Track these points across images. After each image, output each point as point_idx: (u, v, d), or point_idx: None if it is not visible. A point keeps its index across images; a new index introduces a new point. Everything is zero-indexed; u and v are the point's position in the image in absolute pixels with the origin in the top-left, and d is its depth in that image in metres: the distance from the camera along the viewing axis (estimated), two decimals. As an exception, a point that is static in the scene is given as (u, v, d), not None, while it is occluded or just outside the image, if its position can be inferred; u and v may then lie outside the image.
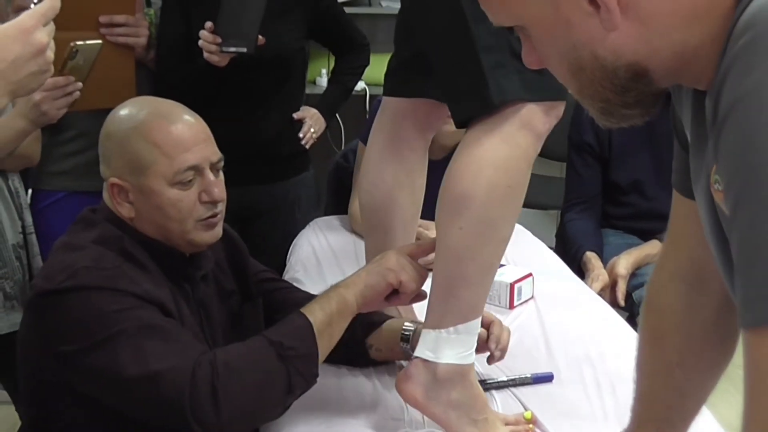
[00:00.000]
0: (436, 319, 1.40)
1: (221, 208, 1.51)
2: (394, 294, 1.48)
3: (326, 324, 1.41)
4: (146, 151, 1.44)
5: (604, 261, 2.51)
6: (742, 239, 0.72)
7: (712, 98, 0.77)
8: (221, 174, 1.53)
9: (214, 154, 1.51)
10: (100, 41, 1.98)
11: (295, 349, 1.37)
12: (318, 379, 1.41)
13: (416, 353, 1.42)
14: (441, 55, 1.37)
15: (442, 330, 1.39)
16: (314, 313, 1.41)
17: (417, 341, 1.47)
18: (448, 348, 1.39)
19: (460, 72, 1.33)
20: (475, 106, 1.33)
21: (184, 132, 1.47)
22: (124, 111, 1.52)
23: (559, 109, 1.38)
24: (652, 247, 2.48)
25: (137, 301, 1.38)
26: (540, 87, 1.31)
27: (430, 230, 2.01)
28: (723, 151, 0.75)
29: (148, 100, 1.59)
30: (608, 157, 2.66)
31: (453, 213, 1.35)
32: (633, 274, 2.44)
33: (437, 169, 1.39)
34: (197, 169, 1.46)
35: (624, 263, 2.43)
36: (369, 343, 1.65)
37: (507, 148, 1.32)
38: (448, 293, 1.39)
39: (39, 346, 1.42)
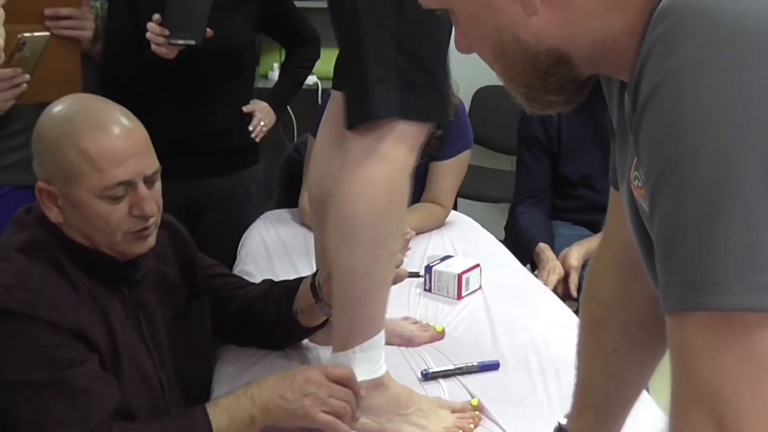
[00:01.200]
0: (341, 342, 1.43)
1: (153, 221, 1.46)
2: None
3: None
4: (76, 162, 1.38)
5: (556, 252, 2.55)
6: (661, 227, 0.73)
7: (631, 90, 0.78)
8: (157, 185, 1.47)
9: (150, 166, 1.44)
10: (47, 33, 1.96)
11: None
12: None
13: None
14: (340, 57, 1.41)
15: (348, 351, 1.42)
16: (220, 423, 1.36)
17: (326, 290, 1.52)
18: (357, 367, 1.42)
19: (352, 79, 1.36)
20: (356, 115, 1.36)
21: (118, 145, 1.40)
22: (58, 111, 1.44)
23: (432, 127, 1.43)
24: None
25: (55, 338, 1.32)
26: (416, 108, 1.35)
27: None
28: (642, 141, 0.75)
29: (86, 101, 1.49)
30: (557, 151, 2.68)
31: (342, 235, 1.39)
32: (584, 265, 2.47)
33: None
34: (129, 184, 1.41)
35: (576, 254, 2.46)
36: (295, 310, 1.64)
37: (384, 164, 1.36)
38: (347, 314, 1.43)
39: None
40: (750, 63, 0.69)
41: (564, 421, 1.25)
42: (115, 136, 1.40)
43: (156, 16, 2.10)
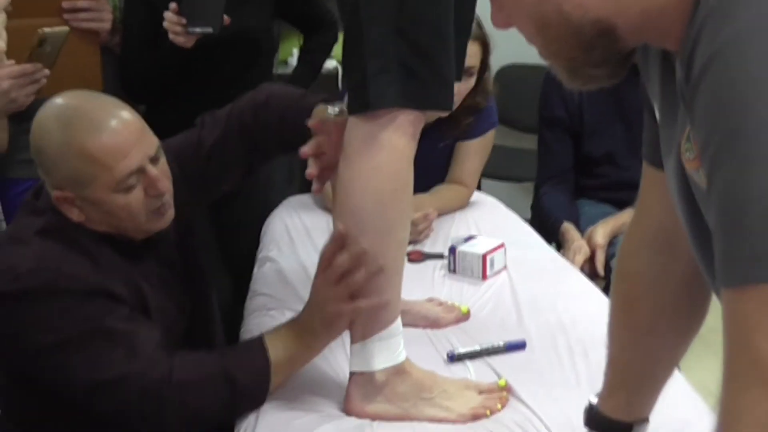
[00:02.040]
0: (359, 333, 1.43)
1: (168, 196, 1.51)
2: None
3: (286, 365, 1.46)
4: (84, 167, 1.42)
5: (581, 231, 2.53)
6: (721, 198, 0.71)
7: (684, 58, 0.76)
8: (162, 159, 1.51)
9: (151, 145, 1.48)
10: (67, 28, 1.97)
11: (247, 387, 1.43)
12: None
13: (350, 369, 1.45)
14: (344, 48, 1.41)
15: (366, 341, 1.42)
16: (276, 350, 1.45)
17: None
18: (377, 356, 1.42)
19: (352, 68, 1.37)
20: (356, 104, 1.37)
21: (117, 138, 1.43)
22: (49, 121, 1.46)
23: (429, 113, 1.42)
24: (629, 215, 2.47)
25: (83, 300, 1.41)
26: (417, 96, 1.34)
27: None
28: (698, 110, 0.73)
29: (72, 103, 1.49)
30: (580, 130, 2.66)
31: (349, 227, 1.39)
32: (610, 243, 2.45)
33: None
34: (139, 171, 1.45)
35: (601, 232, 2.44)
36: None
37: (386, 153, 1.36)
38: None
39: None
40: None
41: (595, 401, 1.24)
42: (113, 130, 1.43)
43: (173, 5, 2.10)
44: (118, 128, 1.44)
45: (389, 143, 1.36)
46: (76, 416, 1.49)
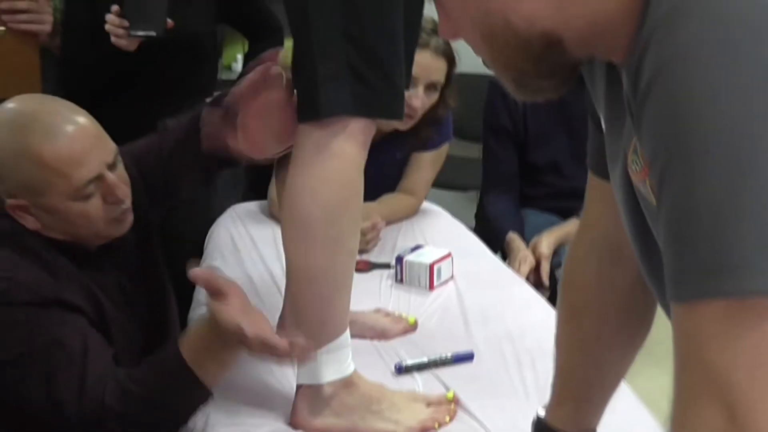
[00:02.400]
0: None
1: (128, 202, 1.48)
2: None
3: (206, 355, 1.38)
4: (39, 174, 1.38)
5: (526, 240, 2.54)
6: (671, 212, 0.70)
7: (631, 71, 0.75)
8: (119, 165, 1.47)
9: (108, 153, 1.44)
10: (2, 28, 1.91)
11: (177, 400, 1.39)
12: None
13: (297, 381, 1.42)
14: (293, 53, 1.38)
15: (315, 353, 1.39)
16: (187, 345, 1.38)
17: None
18: (325, 368, 1.39)
19: (302, 73, 1.34)
20: (306, 111, 1.34)
21: (73, 145, 1.39)
22: (2, 128, 1.40)
23: (381, 121, 1.39)
24: (573, 225, 2.50)
25: (36, 311, 1.36)
26: (369, 104, 1.32)
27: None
28: (646, 123, 0.72)
29: (26, 107, 1.44)
30: (524, 139, 2.67)
31: (297, 236, 1.36)
32: (555, 253, 2.47)
33: (372, 152, 1.40)
34: (96, 178, 1.41)
35: (546, 243, 2.46)
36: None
37: (337, 161, 1.33)
38: (308, 317, 1.39)
39: None
40: (755, 40, 0.66)
41: (543, 413, 1.24)
42: (69, 138, 1.39)
43: (115, 8, 2.05)
44: (75, 134, 1.39)
45: (340, 151, 1.33)
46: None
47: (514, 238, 2.53)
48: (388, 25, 1.32)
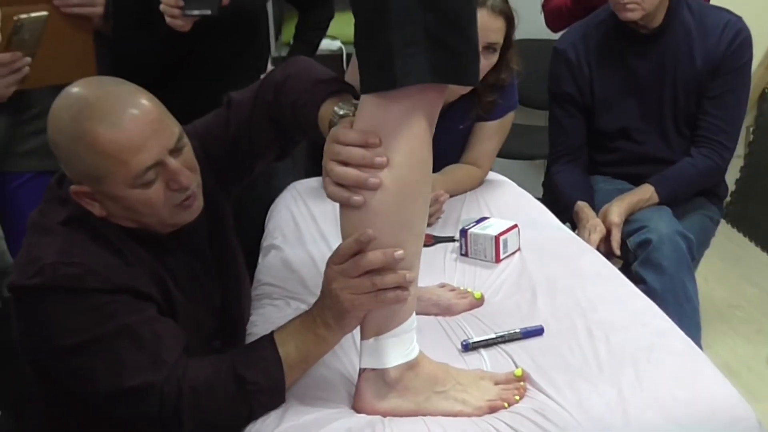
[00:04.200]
0: (373, 329, 1.37)
1: (194, 188, 1.45)
2: None
3: (298, 361, 1.38)
4: (98, 163, 1.36)
5: (596, 208, 2.47)
6: None
7: None
8: (185, 149, 1.44)
9: (170, 137, 1.40)
10: (45, 12, 1.91)
11: (258, 384, 1.35)
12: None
13: (361, 365, 1.39)
14: (358, 23, 1.30)
15: (380, 337, 1.36)
16: (287, 347, 1.37)
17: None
18: (391, 352, 1.36)
19: (372, 44, 1.26)
20: (379, 82, 1.26)
21: (132, 132, 1.35)
22: (62, 113, 1.38)
23: (452, 88, 1.32)
24: (644, 191, 2.45)
25: (107, 298, 1.36)
26: (448, 70, 1.25)
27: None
28: None
29: (84, 92, 1.40)
30: (591, 106, 2.60)
31: (366, 221, 1.30)
32: (626, 221, 2.40)
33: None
34: (157, 164, 1.38)
35: (617, 210, 2.39)
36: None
37: (409, 142, 1.28)
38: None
39: (22, 340, 1.43)
40: None
41: None
42: (127, 124, 1.36)
43: None
44: (133, 120, 1.36)
45: (412, 131, 1.28)
46: (95, 416, 1.45)
47: (582, 206, 2.46)
48: None
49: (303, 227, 2.22)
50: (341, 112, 1.41)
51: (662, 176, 2.48)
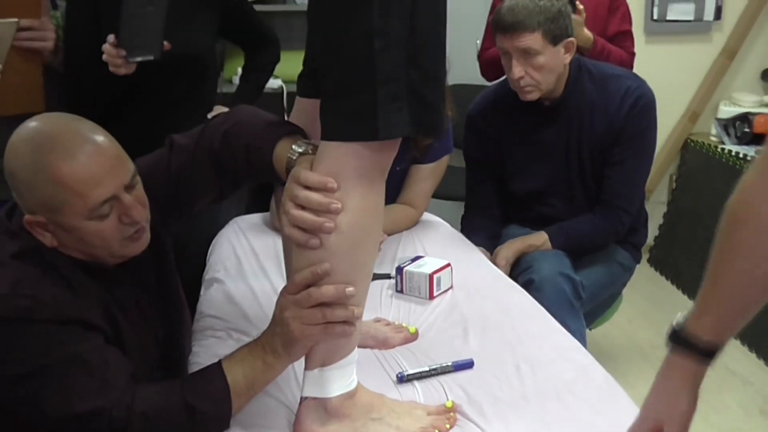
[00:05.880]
0: (318, 360, 1.43)
1: (143, 222, 1.49)
2: None
3: (246, 387, 1.43)
4: (56, 193, 1.39)
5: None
6: None
7: None
8: (138, 186, 1.49)
9: (127, 173, 1.45)
10: (15, 19, 1.93)
11: (207, 414, 1.41)
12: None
13: (303, 394, 1.44)
14: (333, 76, 1.34)
15: (325, 368, 1.42)
16: (236, 374, 1.42)
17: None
18: (333, 383, 1.42)
19: (351, 95, 1.31)
20: (355, 132, 1.32)
21: (91, 166, 1.39)
22: (22, 144, 1.42)
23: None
24: (537, 238, 2.54)
25: (56, 328, 1.38)
26: (426, 123, 1.33)
27: None
28: None
29: (47, 126, 1.44)
30: (501, 170, 2.68)
31: (321, 259, 1.36)
32: (517, 261, 2.49)
33: None
34: (113, 198, 1.43)
35: (503, 254, 2.49)
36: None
37: (376, 190, 1.37)
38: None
39: None
40: None
41: (681, 320, 1.25)
42: (86, 158, 1.40)
43: (110, 38, 2.04)
44: (93, 155, 1.41)
45: (378, 181, 1.36)
46: None
47: (480, 252, 2.51)
48: (444, 46, 1.35)
49: (244, 261, 2.27)
50: (300, 150, 1.45)
51: (560, 227, 2.56)
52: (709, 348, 1.22)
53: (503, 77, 2.64)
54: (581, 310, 2.43)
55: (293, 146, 1.46)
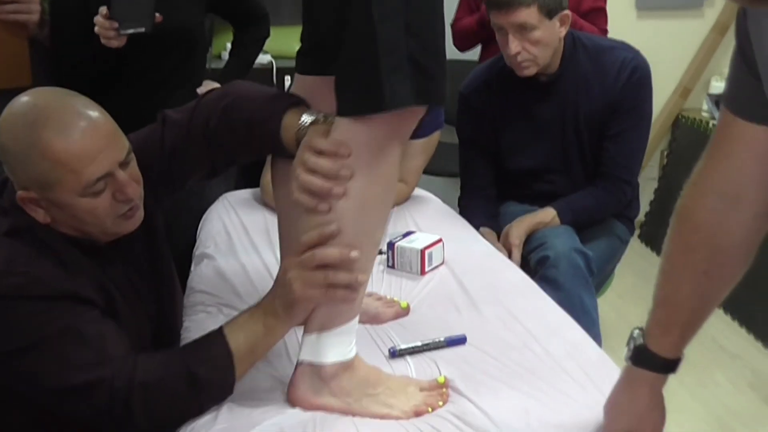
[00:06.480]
0: (318, 324, 1.42)
1: (137, 199, 1.48)
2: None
3: (248, 352, 1.42)
4: (49, 170, 1.37)
5: (503, 227, 2.54)
6: None
7: None
8: (132, 164, 1.47)
9: (121, 150, 1.43)
10: None
11: (211, 380, 1.40)
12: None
13: (300, 358, 1.44)
14: (344, 50, 1.34)
15: (323, 333, 1.42)
16: (237, 339, 1.41)
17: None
18: (330, 349, 1.42)
19: (357, 68, 1.32)
20: (365, 105, 1.32)
21: (85, 142, 1.38)
22: (16, 119, 1.39)
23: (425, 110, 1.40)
24: (546, 214, 2.51)
25: (50, 304, 1.38)
26: (428, 93, 1.33)
27: None
28: None
29: (41, 101, 1.42)
30: (497, 149, 2.66)
31: (328, 222, 1.36)
32: (528, 239, 2.47)
33: None
34: (107, 175, 1.41)
35: (515, 232, 2.46)
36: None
37: (386, 164, 1.37)
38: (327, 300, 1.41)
39: None
40: None
41: (641, 341, 1.30)
42: (81, 134, 1.38)
43: (102, 10, 2.04)
44: (87, 131, 1.39)
45: (391, 151, 1.36)
46: (46, 418, 1.47)
47: (485, 232, 2.52)
48: (441, 16, 1.34)
49: (234, 237, 2.26)
50: (312, 118, 1.44)
51: (565, 202, 2.54)
52: (673, 362, 1.28)
53: (496, 55, 2.61)
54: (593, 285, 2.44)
55: (304, 115, 1.44)
